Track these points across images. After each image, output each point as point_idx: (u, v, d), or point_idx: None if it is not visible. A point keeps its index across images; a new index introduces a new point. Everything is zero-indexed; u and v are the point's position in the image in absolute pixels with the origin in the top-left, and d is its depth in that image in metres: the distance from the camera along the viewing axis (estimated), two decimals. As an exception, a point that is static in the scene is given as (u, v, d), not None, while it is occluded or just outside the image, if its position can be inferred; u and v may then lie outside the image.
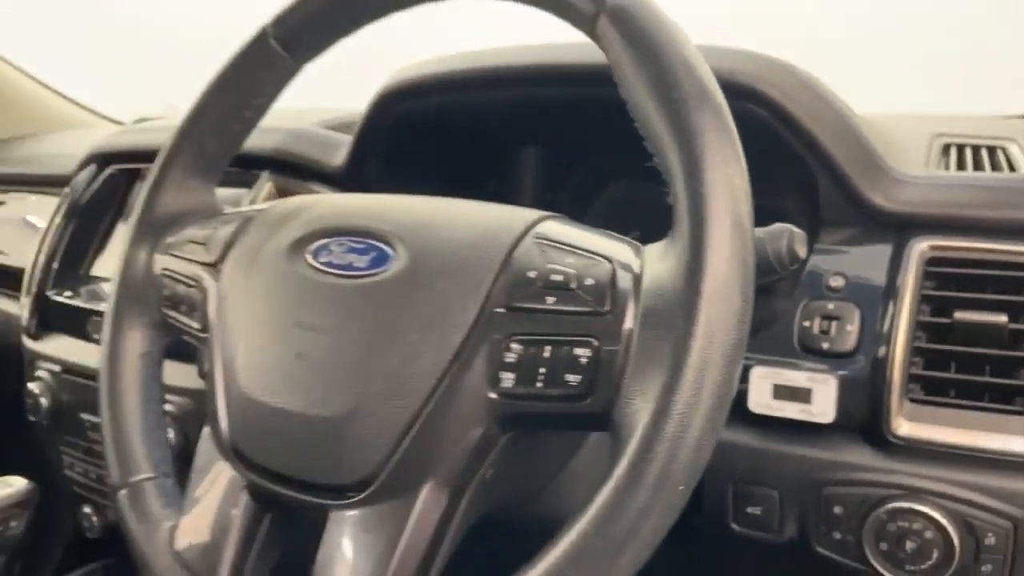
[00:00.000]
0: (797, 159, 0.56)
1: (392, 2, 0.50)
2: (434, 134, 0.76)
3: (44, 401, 0.82)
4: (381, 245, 0.44)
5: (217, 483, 0.45)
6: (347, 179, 0.74)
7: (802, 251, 0.42)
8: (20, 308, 0.89)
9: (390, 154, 0.75)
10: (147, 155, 0.88)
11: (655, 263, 0.38)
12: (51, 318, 0.85)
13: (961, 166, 0.60)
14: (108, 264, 0.87)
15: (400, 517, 0.39)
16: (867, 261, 0.54)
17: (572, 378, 0.37)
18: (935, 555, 0.49)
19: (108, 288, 0.83)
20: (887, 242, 0.54)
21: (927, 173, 0.57)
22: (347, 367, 0.41)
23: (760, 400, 0.53)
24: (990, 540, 0.48)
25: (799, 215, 0.57)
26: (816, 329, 0.53)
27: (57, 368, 0.83)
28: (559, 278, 0.38)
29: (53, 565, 0.93)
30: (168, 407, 0.69)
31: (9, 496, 0.72)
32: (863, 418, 0.52)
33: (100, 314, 0.81)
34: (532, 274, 0.39)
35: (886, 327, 0.52)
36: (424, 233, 0.43)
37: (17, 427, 1.25)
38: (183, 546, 0.45)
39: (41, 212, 1.07)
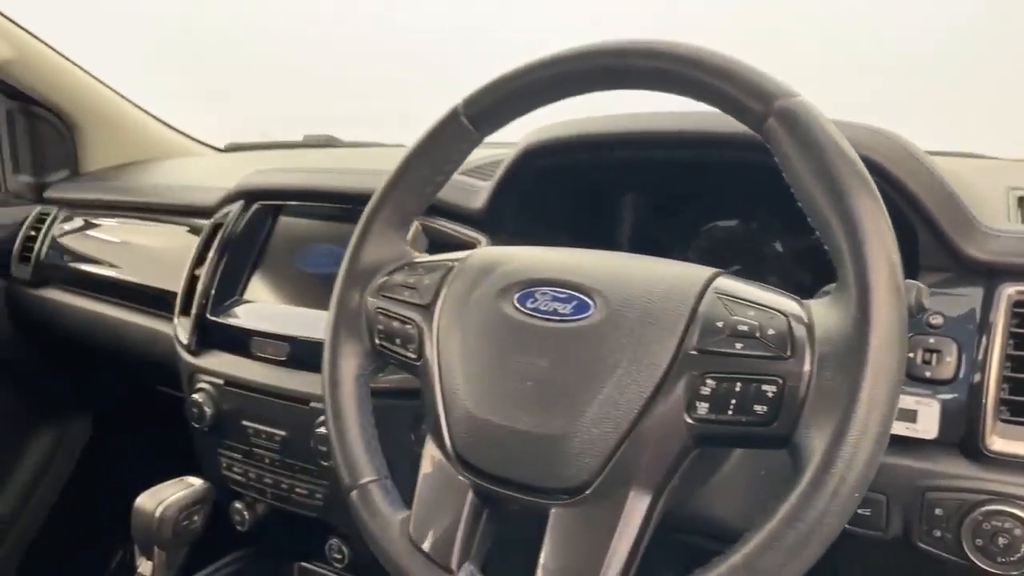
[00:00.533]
0: (901, 215, 0.66)
1: (565, 90, 0.60)
2: (557, 183, 0.87)
3: (208, 410, 0.93)
4: (581, 296, 0.54)
5: (445, 485, 0.56)
6: (484, 221, 0.85)
7: (926, 302, 0.53)
8: (176, 328, 1.01)
9: (522, 200, 0.85)
10: (288, 194, 1.00)
11: (823, 317, 0.48)
12: (211, 337, 0.97)
13: None
14: (260, 290, 0.98)
15: (613, 515, 0.50)
16: (962, 303, 0.64)
17: (759, 408, 0.47)
18: (1017, 558, 0.59)
19: (269, 312, 0.94)
20: (978, 286, 0.64)
21: (1010, 227, 0.66)
22: (564, 394, 0.52)
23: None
24: (1072, 537, 0.58)
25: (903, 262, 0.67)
26: (919, 360, 0.64)
27: (220, 381, 0.94)
28: (744, 328, 0.49)
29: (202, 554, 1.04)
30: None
31: (194, 494, 0.83)
32: (961, 435, 0.62)
33: (260, 334, 0.92)
34: (720, 324, 0.49)
35: (980, 358, 0.62)
36: (618, 287, 0.54)
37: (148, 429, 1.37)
38: (417, 535, 0.56)
39: (168, 238, 1.19)
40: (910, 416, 0.63)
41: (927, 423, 0.62)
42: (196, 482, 0.86)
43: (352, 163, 1.14)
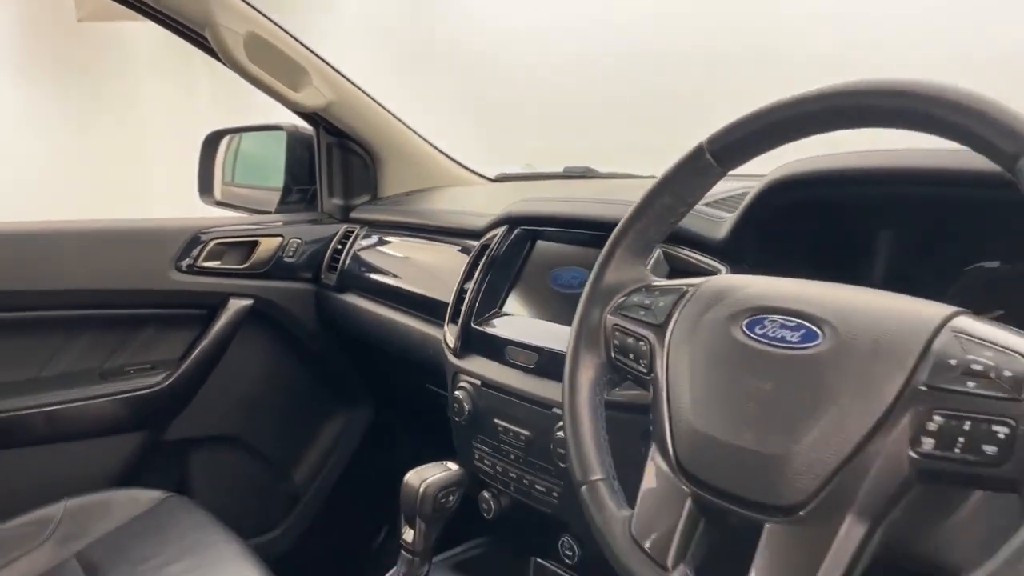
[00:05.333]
0: None
1: (808, 129, 0.63)
2: (804, 218, 0.88)
3: (467, 406, 1.07)
4: (810, 325, 0.57)
5: (666, 491, 0.61)
6: (725, 251, 0.89)
7: None
8: (444, 333, 1.16)
9: (765, 232, 0.88)
10: (546, 220, 1.11)
11: None
12: (472, 343, 1.10)
13: None
14: (517, 305, 1.10)
15: (826, 538, 0.52)
16: None
17: (989, 449, 0.47)
18: None
19: (523, 325, 1.05)
20: None
21: None
22: (787, 417, 0.55)
23: None
24: None
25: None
26: None
27: (477, 382, 1.07)
28: (979, 368, 0.49)
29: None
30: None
31: (451, 476, 0.96)
32: None
33: (513, 343, 1.04)
34: (953, 362, 0.50)
35: None
36: (848, 318, 0.56)
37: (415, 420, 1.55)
38: (638, 533, 0.62)
39: (444, 256, 1.36)
40: None
41: None
42: (454, 467, 0.98)
43: (606, 193, 1.23)
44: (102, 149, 4.39)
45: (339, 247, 1.61)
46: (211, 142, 1.83)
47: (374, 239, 1.56)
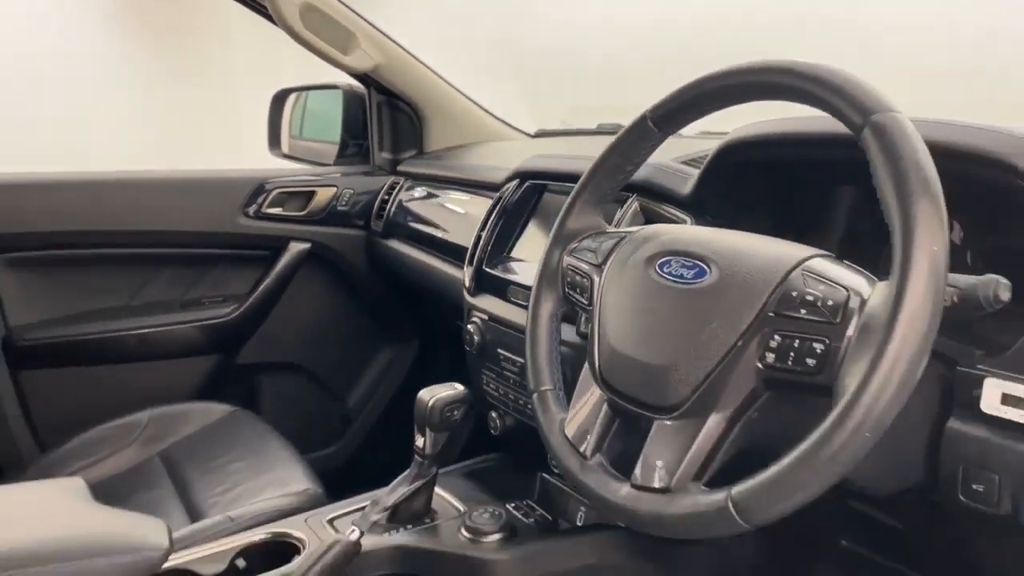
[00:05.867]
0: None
1: (728, 100, 0.75)
2: (762, 175, 0.99)
3: (476, 338, 1.23)
4: (702, 264, 0.70)
5: (591, 399, 0.76)
6: (692, 205, 1.01)
7: (1005, 296, 0.60)
8: (463, 274, 1.32)
9: (726, 189, 0.99)
10: (553, 175, 1.24)
11: (877, 294, 0.59)
12: (484, 283, 1.26)
13: None
14: (524, 250, 1.25)
15: (695, 431, 0.66)
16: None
17: (810, 361, 0.60)
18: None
19: (525, 268, 1.20)
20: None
21: None
22: (675, 337, 0.69)
23: (990, 404, 0.69)
24: None
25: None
26: (1044, 352, 0.67)
27: (486, 317, 1.23)
28: (810, 298, 0.61)
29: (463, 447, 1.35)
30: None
31: (456, 394, 1.12)
32: (1075, 429, 0.65)
33: (517, 284, 1.19)
34: (794, 294, 0.62)
35: (1104, 361, 0.64)
36: (729, 259, 0.69)
37: (450, 352, 1.73)
38: (569, 431, 0.77)
39: (471, 206, 1.51)
40: (1016, 402, 0.67)
41: (1039, 412, 0.66)
42: (460, 387, 1.14)
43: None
44: (193, 105, 4.70)
45: (386, 197, 1.78)
46: (278, 100, 2.02)
47: (416, 191, 1.73)
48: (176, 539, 1.13)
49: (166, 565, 1.02)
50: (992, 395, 0.69)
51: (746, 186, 1.00)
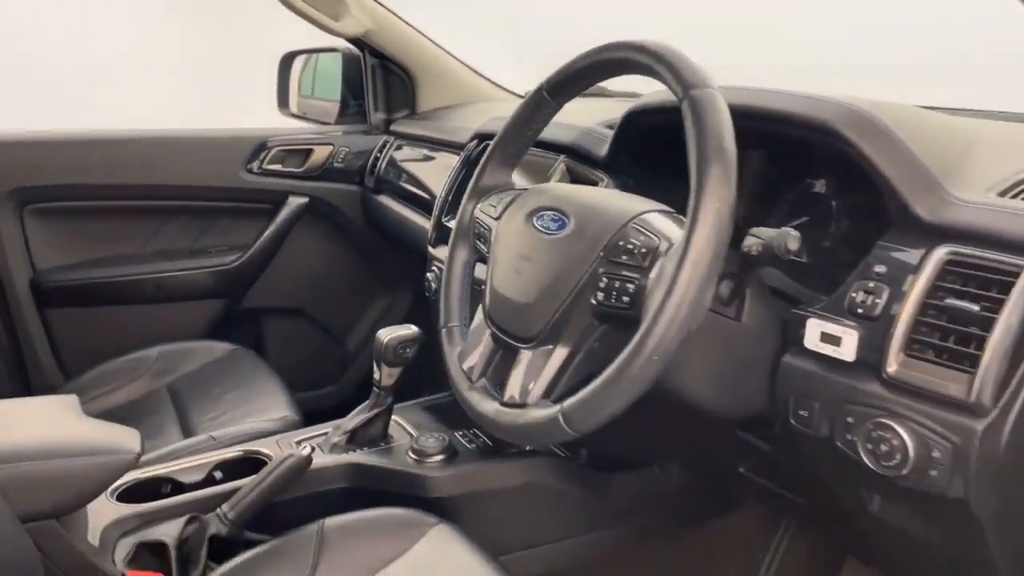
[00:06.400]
0: (870, 175, 0.79)
1: (598, 76, 0.86)
2: (669, 140, 1.08)
3: (433, 285, 1.36)
4: (564, 218, 0.82)
5: (480, 333, 0.89)
6: (607, 165, 1.11)
7: (793, 246, 0.71)
8: (429, 227, 1.45)
9: (638, 150, 1.10)
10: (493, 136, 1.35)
11: (677, 243, 0.70)
12: (442, 235, 1.39)
13: (1021, 195, 0.75)
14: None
15: (546, 358, 0.78)
16: (906, 256, 0.76)
17: (625, 298, 0.72)
18: (898, 458, 0.72)
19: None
20: (923, 246, 0.75)
21: (973, 198, 0.75)
22: (536, 280, 0.81)
23: (812, 341, 0.80)
24: (936, 454, 0.70)
25: (882, 215, 0.80)
26: (859, 299, 0.77)
27: (442, 266, 1.35)
28: (631, 246, 0.73)
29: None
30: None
31: (409, 334, 1.25)
32: (872, 361, 0.75)
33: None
34: (622, 243, 0.74)
35: (901, 304, 0.74)
36: (585, 213, 0.80)
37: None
38: (462, 359, 0.90)
39: (446, 165, 1.62)
40: (836, 341, 0.78)
41: (848, 348, 0.77)
42: (414, 328, 1.28)
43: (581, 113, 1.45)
44: (244, 76, 4.85)
45: (378, 155, 1.91)
46: (285, 62, 2.15)
47: (403, 149, 1.85)
48: (165, 453, 1.32)
49: (155, 473, 1.20)
50: (813, 333, 0.80)
51: (655, 149, 1.10)
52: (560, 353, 0.78)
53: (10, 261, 1.71)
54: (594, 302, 0.75)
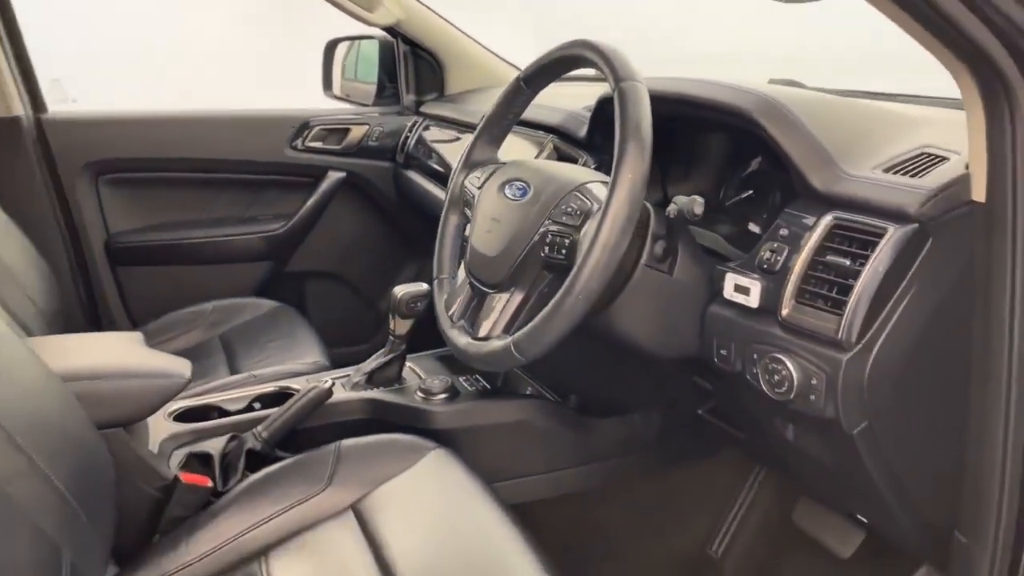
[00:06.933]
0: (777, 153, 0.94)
1: (573, 65, 1.03)
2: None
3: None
4: (526, 186, 1.00)
5: (462, 282, 1.08)
6: (588, 145, 1.28)
7: (698, 211, 0.87)
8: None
9: (609, 132, 1.25)
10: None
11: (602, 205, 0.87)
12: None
13: (900, 171, 0.89)
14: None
15: (505, 300, 0.97)
16: (804, 221, 0.91)
17: (563, 251, 0.90)
18: (787, 385, 0.89)
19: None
20: (817, 213, 0.91)
21: (860, 173, 0.89)
22: (501, 238, 0.99)
23: (728, 291, 0.96)
24: (814, 381, 0.86)
25: (774, 187, 0.96)
26: (766, 256, 0.93)
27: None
28: (570, 209, 0.90)
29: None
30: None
31: (419, 291, 1.45)
32: (771, 307, 0.92)
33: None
34: (564, 206, 0.92)
35: (795, 260, 0.90)
36: (543, 182, 0.98)
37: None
38: (448, 305, 1.09)
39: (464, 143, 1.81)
40: (746, 291, 0.94)
41: (754, 297, 0.93)
42: (424, 286, 1.47)
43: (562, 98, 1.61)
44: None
45: (408, 135, 2.11)
46: (329, 48, 2.35)
47: (430, 129, 2.04)
48: (214, 387, 1.55)
49: (205, 401, 1.42)
50: (730, 285, 0.96)
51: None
52: (516, 297, 0.96)
53: (88, 225, 1.96)
54: (542, 255, 0.93)
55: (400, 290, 1.45)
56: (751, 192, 1.16)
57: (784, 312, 0.90)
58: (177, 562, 1.06)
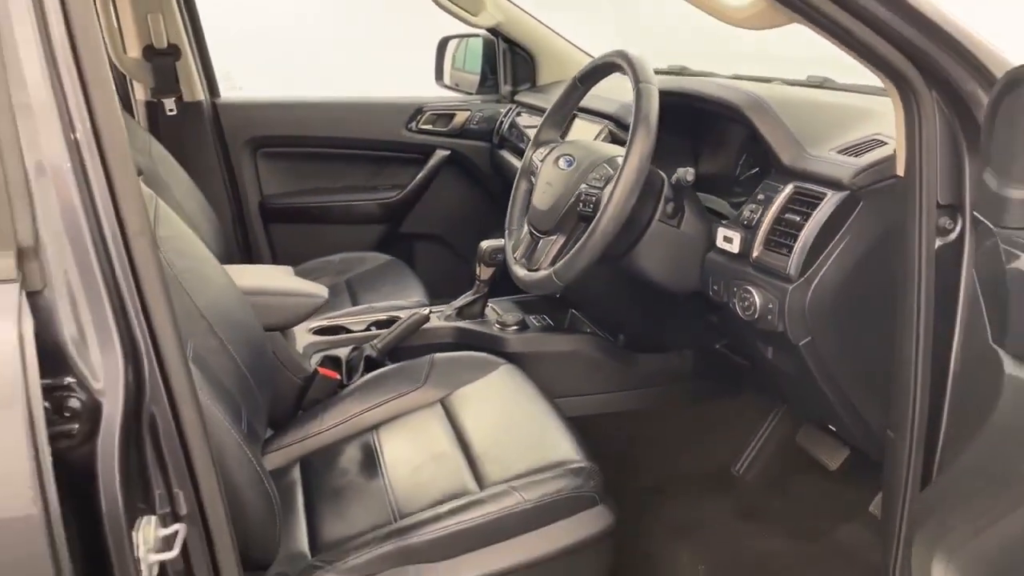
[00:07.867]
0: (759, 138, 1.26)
1: (609, 71, 1.38)
2: (676, 113, 1.57)
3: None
4: (572, 159, 1.36)
5: (525, 230, 1.45)
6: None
7: (689, 178, 1.21)
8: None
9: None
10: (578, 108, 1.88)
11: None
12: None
13: (850, 152, 1.19)
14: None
15: (553, 243, 1.33)
16: (775, 189, 1.23)
17: (591, 205, 1.26)
18: (752, 309, 1.21)
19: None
20: (784, 183, 1.22)
21: (818, 153, 1.19)
22: (552, 196, 1.35)
23: (719, 241, 1.29)
24: (771, 305, 1.18)
25: (768, 164, 1.27)
26: (746, 215, 1.25)
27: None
28: (599, 175, 1.26)
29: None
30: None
31: (500, 245, 1.83)
32: (747, 252, 1.23)
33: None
34: (594, 174, 1.27)
35: (764, 216, 1.21)
36: (584, 157, 1.34)
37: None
38: (516, 249, 1.46)
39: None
40: (730, 241, 1.26)
41: (735, 245, 1.25)
42: (503, 242, 1.85)
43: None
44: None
45: (503, 120, 2.48)
46: (441, 45, 2.75)
47: (522, 116, 2.41)
48: (341, 313, 1.99)
49: (336, 322, 1.86)
50: (720, 237, 1.29)
51: (669, 123, 1.59)
52: (559, 240, 1.33)
53: (247, 188, 2.45)
54: (578, 209, 1.29)
55: (485, 244, 1.84)
56: (757, 169, 1.47)
57: (754, 255, 1.22)
58: (314, 430, 1.48)
